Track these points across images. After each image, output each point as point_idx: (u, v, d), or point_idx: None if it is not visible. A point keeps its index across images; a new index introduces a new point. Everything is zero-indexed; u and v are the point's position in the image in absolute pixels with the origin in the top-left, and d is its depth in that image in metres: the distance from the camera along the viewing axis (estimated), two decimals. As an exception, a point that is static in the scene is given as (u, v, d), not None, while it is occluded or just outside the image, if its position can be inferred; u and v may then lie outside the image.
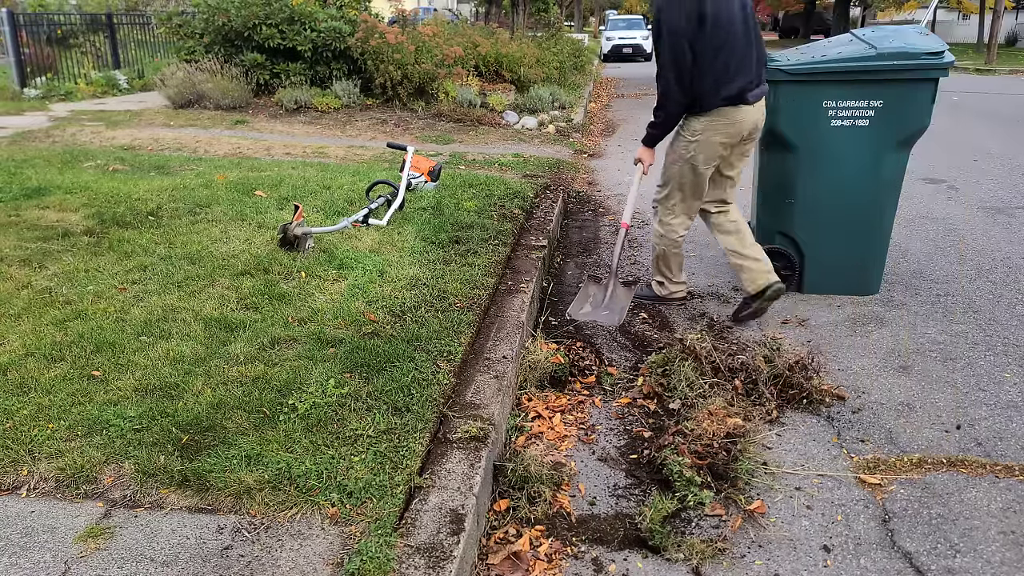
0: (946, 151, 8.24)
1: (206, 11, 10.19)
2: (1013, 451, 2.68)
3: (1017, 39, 33.08)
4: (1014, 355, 3.42)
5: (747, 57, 3.47)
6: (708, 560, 2.16)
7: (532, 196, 5.74)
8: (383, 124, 9.41)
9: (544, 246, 4.56)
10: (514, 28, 18.80)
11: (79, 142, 7.74)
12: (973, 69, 21.47)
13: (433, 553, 1.90)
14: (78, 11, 14.90)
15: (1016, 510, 2.36)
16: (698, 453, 2.58)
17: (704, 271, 4.57)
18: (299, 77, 10.21)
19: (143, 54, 14.70)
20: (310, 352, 2.89)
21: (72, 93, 11.64)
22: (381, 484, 2.14)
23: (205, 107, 9.87)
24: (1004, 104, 12.83)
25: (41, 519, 2.02)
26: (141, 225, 4.43)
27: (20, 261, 3.78)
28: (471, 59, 11.73)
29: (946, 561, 2.16)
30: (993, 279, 4.39)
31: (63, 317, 3.13)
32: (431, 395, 2.61)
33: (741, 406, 2.86)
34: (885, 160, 3.86)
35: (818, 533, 2.28)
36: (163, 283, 3.54)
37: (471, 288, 3.63)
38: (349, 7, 10.90)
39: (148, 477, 2.16)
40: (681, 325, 3.81)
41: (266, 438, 2.33)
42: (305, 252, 4.03)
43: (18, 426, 2.36)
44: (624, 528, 2.32)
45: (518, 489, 2.41)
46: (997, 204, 6.03)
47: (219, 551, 1.91)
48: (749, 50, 3.48)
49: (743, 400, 2.93)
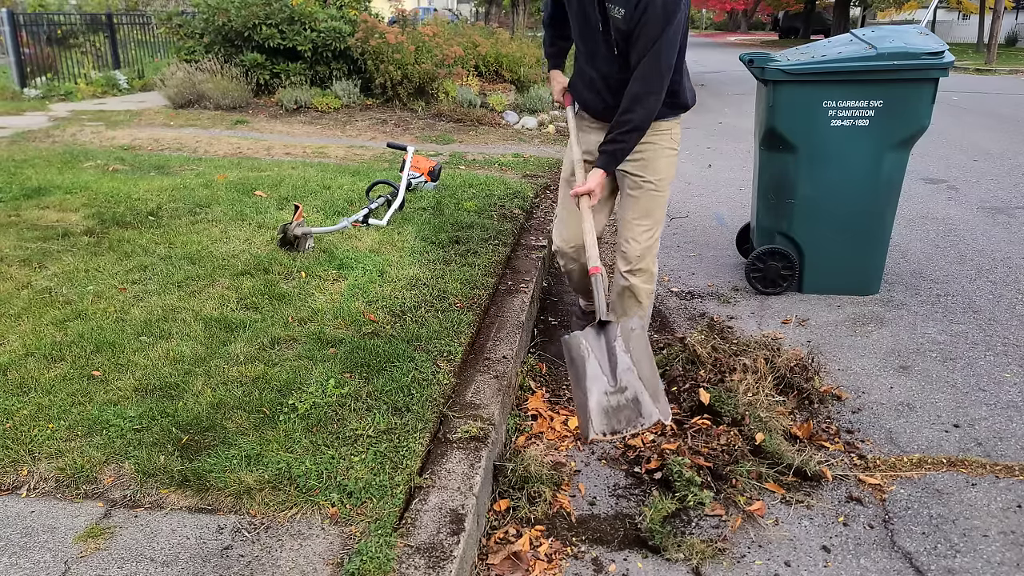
0: (946, 151, 8.24)
1: (206, 11, 10.18)
2: (1013, 451, 2.68)
3: (1017, 39, 33.07)
4: (1014, 355, 3.42)
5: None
6: (708, 560, 2.16)
7: (532, 196, 5.74)
8: (383, 124, 9.40)
9: (544, 246, 4.56)
10: (514, 28, 18.80)
11: (79, 142, 7.74)
12: (973, 69, 21.47)
13: (433, 553, 1.90)
14: (78, 11, 14.91)
15: (1016, 510, 2.36)
16: (698, 453, 2.58)
17: (704, 271, 4.57)
18: (299, 77, 10.20)
19: (143, 54, 14.70)
20: (310, 352, 2.89)
21: (72, 93, 11.64)
22: (381, 484, 2.14)
23: (205, 107, 9.87)
24: (1004, 104, 12.83)
25: (41, 519, 2.02)
26: (141, 225, 4.43)
27: (20, 261, 3.78)
28: (471, 59, 11.73)
29: (946, 561, 2.16)
30: (993, 279, 4.39)
31: (63, 317, 3.13)
32: (431, 395, 2.61)
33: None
34: (885, 160, 3.86)
35: (818, 533, 2.28)
36: (163, 283, 3.54)
37: (471, 288, 3.63)
38: (349, 7, 10.89)
39: (148, 477, 2.16)
40: (681, 325, 3.81)
41: (266, 438, 2.33)
42: (305, 252, 4.03)
43: (18, 426, 2.36)
44: (624, 528, 2.32)
45: (518, 489, 2.41)
46: (997, 204, 6.04)
47: (219, 551, 1.91)
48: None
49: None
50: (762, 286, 4.21)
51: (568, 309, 4.08)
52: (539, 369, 3.31)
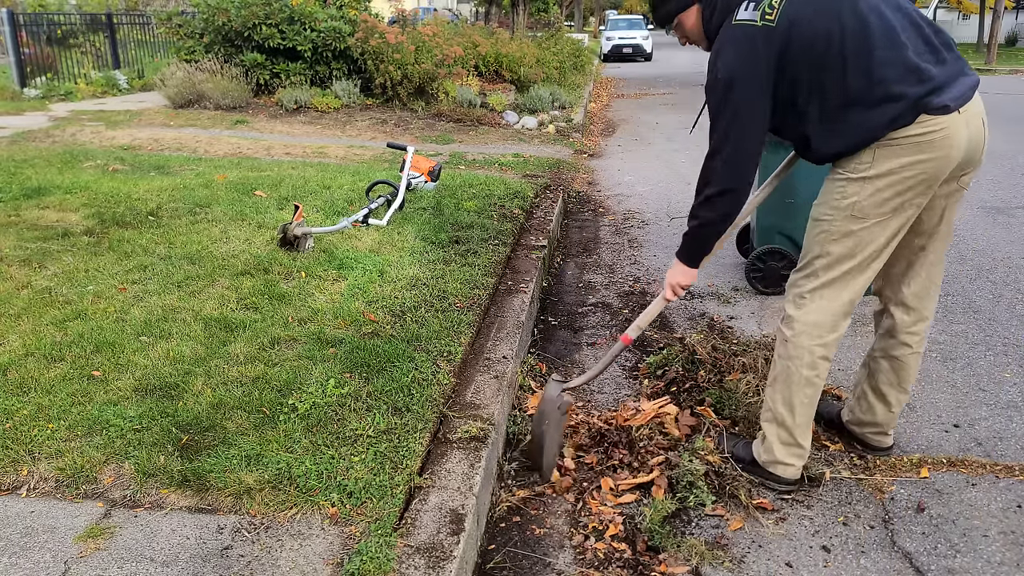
0: (946, 151, 8.23)
1: (206, 11, 10.19)
2: (1013, 451, 2.68)
3: (1017, 39, 33.06)
4: (1014, 355, 3.42)
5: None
6: (708, 560, 2.16)
7: (532, 196, 5.74)
8: (383, 124, 9.40)
9: (544, 246, 4.56)
10: (514, 28, 18.81)
11: (79, 142, 7.74)
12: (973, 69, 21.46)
13: (433, 553, 1.90)
14: (78, 11, 14.90)
15: (1016, 510, 2.36)
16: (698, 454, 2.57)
17: (704, 271, 4.55)
18: (299, 77, 10.21)
19: (143, 54, 14.70)
20: (310, 352, 2.89)
21: (72, 93, 11.64)
22: (381, 484, 2.14)
23: (205, 107, 9.87)
24: (1004, 104, 12.83)
25: (41, 519, 2.02)
26: (141, 225, 4.43)
27: (20, 261, 3.78)
28: (471, 59, 11.74)
29: (946, 561, 2.15)
30: (993, 279, 4.39)
31: (63, 317, 3.13)
32: (431, 395, 2.61)
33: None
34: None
35: (818, 533, 2.28)
36: (163, 283, 3.54)
37: (471, 288, 3.63)
38: (349, 7, 10.90)
39: (148, 477, 2.16)
40: (681, 325, 3.81)
41: (266, 438, 2.33)
42: (305, 252, 4.03)
43: (18, 426, 2.36)
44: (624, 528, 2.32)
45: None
46: (997, 204, 6.03)
47: (219, 551, 1.91)
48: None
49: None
50: (762, 286, 4.21)
51: (568, 309, 4.08)
52: (539, 369, 3.31)
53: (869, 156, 2.13)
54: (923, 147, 2.08)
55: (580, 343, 3.66)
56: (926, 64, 2.09)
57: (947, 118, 2.07)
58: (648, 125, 11.13)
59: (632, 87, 17.75)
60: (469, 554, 2.04)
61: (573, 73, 15.72)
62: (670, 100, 14.61)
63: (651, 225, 5.70)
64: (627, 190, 6.89)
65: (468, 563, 2.02)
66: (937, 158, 2.09)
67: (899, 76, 2.06)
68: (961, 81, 2.14)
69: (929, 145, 2.08)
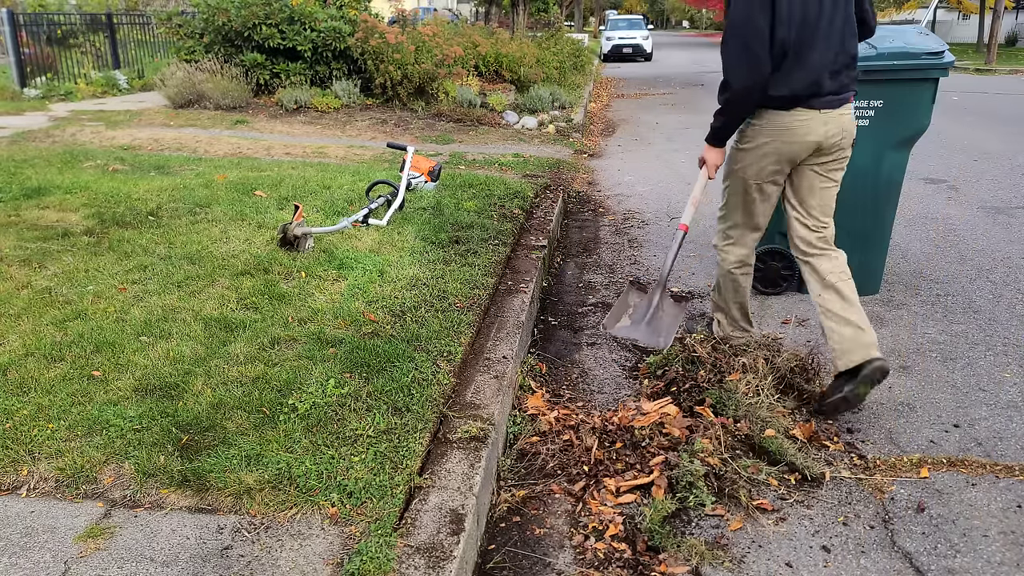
0: (946, 151, 8.24)
1: (206, 11, 10.19)
2: (1013, 451, 2.68)
3: (1017, 39, 33.07)
4: (1014, 355, 3.42)
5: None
6: (708, 560, 2.16)
7: (532, 196, 5.74)
8: (383, 124, 9.40)
9: (544, 246, 4.56)
10: (514, 28, 18.81)
11: (79, 142, 7.74)
12: (973, 69, 21.47)
13: (433, 553, 1.90)
14: (78, 11, 14.90)
15: (1016, 510, 2.36)
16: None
17: (704, 271, 4.57)
18: (299, 77, 10.21)
19: (143, 54, 14.70)
20: (310, 352, 2.89)
21: (72, 93, 11.64)
22: (381, 484, 2.14)
23: (205, 107, 9.87)
24: (1004, 104, 12.83)
25: (41, 519, 2.02)
26: (141, 225, 4.43)
27: (20, 261, 3.78)
28: (471, 59, 11.74)
29: (946, 561, 2.15)
30: (993, 279, 4.39)
31: (63, 317, 3.13)
32: (431, 395, 2.61)
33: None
34: (885, 160, 3.86)
35: (818, 533, 2.28)
36: (163, 283, 3.54)
37: (471, 288, 3.63)
38: (349, 7, 10.90)
39: (148, 477, 2.16)
40: (681, 325, 3.80)
41: (266, 438, 2.33)
42: (305, 252, 4.03)
43: (18, 426, 2.36)
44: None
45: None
46: (997, 204, 6.03)
47: (219, 551, 1.91)
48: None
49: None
50: (762, 286, 4.21)
51: (568, 309, 4.08)
52: (539, 369, 3.31)
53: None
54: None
55: (580, 343, 3.66)
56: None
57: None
58: (648, 125, 11.13)
59: (632, 87, 17.75)
60: (469, 554, 2.04)
61: (573, 73, 15.73)
62: (670, 100, 14.61)
63: (651, 225, 5.70)
64: (627, 190, 6.89)
65: (468, 563, 2.02)
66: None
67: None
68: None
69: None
